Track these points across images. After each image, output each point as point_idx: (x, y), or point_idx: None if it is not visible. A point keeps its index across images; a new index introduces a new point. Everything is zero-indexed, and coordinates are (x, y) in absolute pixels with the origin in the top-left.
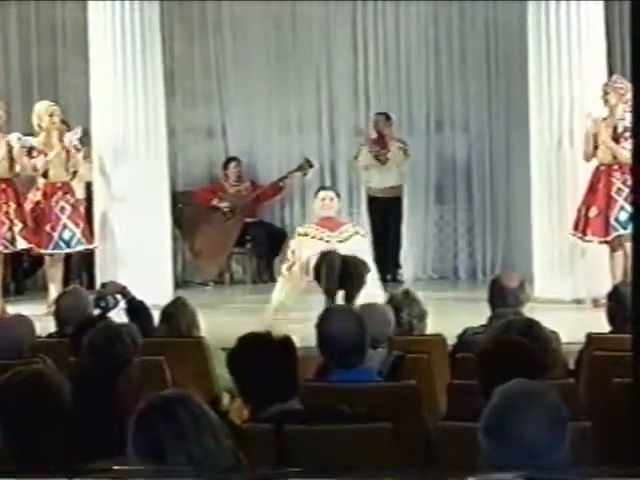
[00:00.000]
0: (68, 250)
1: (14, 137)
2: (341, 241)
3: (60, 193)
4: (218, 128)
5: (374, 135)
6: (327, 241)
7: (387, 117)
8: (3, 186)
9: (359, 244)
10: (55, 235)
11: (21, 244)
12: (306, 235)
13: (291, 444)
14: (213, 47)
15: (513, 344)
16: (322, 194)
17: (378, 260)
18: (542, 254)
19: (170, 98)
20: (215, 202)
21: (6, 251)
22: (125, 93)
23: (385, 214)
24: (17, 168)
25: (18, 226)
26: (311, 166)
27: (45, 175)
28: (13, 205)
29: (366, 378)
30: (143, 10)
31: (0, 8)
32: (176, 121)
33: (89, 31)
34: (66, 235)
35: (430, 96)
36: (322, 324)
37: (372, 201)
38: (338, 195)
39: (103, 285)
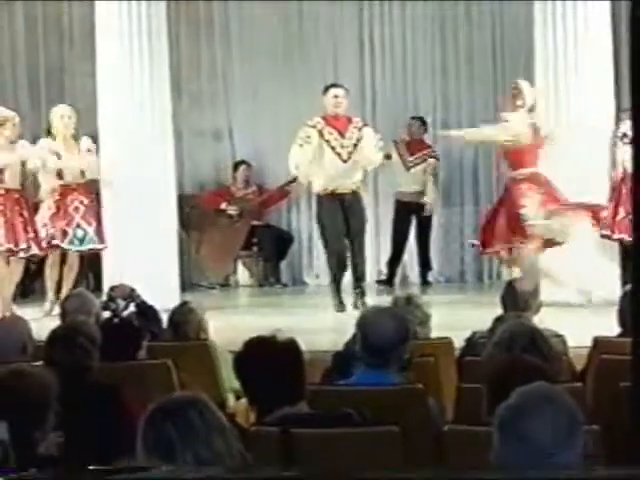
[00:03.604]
0: (80, 247)
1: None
2: (355, 144)
3: (75, 194)
4: (225, 131)
5: (406, 138)
6: (338, 152)
7: (422, 122)
8: (16, 196)
9: (369, 135)
10: (70, 231)
11: (34, 250)
12: (314, 127)
13: (298, 447)
14: (220, 49)
15: (522, 371)
16: (334, 91)
17: (394, 262)
18: (548, 257)
19: (177, 100)
20: (222, 206)
21: (22, 256)
22: (132, 95)
23: (412, 218)
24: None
25: (31, 234)
26: None
27: (60, 177)
28: (26, 213)
29: (389, 381)
30: (150, 12)
31: (7, 9)
32: (183, 124)
33: (96, 33)
34: (79, 233)
35: (436, 97)
36: (368, 320)
37: (399, 204)
38: (348, 91)
39: (112, 288)
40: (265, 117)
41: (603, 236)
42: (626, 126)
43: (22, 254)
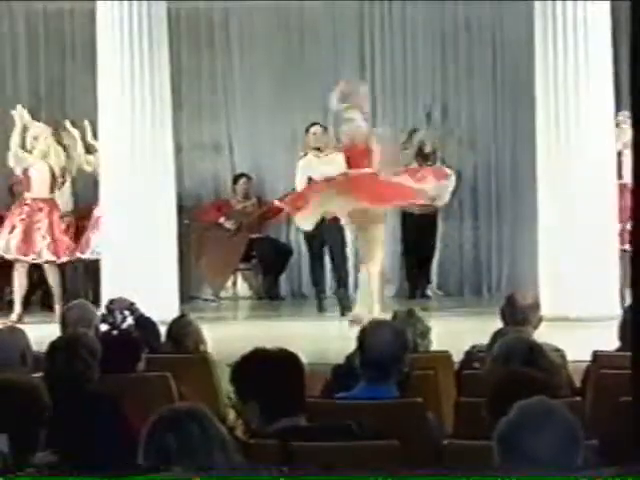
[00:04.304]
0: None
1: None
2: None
3: (98, 209)
4: (225, 144)
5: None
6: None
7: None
8: (41, 205)
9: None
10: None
11: (46, 255)
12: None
13: (297, 460)
14: (220, 62)
15: (523, 385)
16: (312, 129)
17: (410, 277)
18: (548, 271)
19: (177, 113)
20: (221, 218)
21: (34, 261)
22: (132, 108)
23: (420, 230)
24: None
25: (47, 240)
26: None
27: None
28: (46, 221)
29: (389, 395)
30: (151, 25)
31: (9, 23)
32: (183, 137)
33: (97, 46)
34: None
35: (436, 112)
36: (368, 333)
37: (407, 217)
38: (326, 129)
39: (111, 301)
40: (265, 130)
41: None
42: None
43: (36, 260)
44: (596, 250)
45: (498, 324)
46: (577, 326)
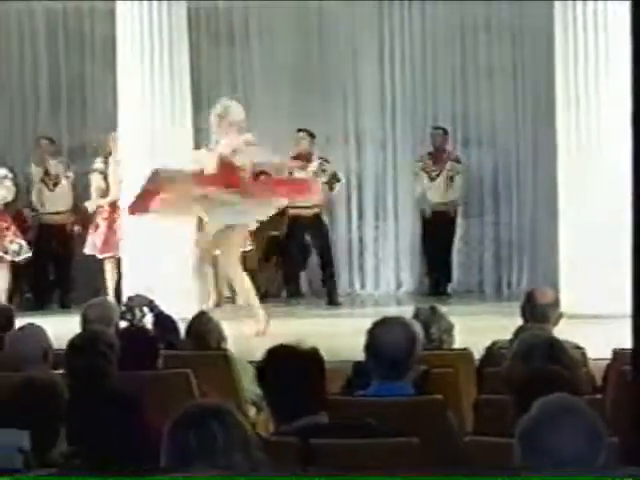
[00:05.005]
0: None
1: None
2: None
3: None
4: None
5: (430, 150)
6: None
7: (445, 131)
8: (117, 205)
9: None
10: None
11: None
12: None
13: (317, 458)
14: (240, 63)
15: (545, 380)
16: (299, 135)
17: (430, 274)
18: (568, 268)
19: (197, 113)
20: None
21: (113, 257)
22: (152, 108)
23: (441, 227)
24: None
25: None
26: (338, 180)
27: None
28: (116, 223)
29: (404, 392)
30: (171, 25)
31: (29, 22)
32: (202, 136)
33: (117, 45)
34: None
35: (456, 110)
36: (376, 332)
37: (427, 214)
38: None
39: (130, 298)
40: (284, 129)
41: None
42: None
43: (114, 256)
44: (616, 247)
45: (518, 321)
46: (596, 323)
